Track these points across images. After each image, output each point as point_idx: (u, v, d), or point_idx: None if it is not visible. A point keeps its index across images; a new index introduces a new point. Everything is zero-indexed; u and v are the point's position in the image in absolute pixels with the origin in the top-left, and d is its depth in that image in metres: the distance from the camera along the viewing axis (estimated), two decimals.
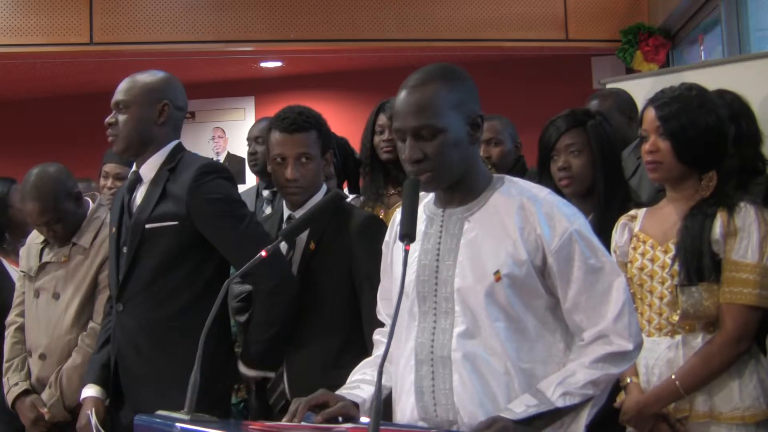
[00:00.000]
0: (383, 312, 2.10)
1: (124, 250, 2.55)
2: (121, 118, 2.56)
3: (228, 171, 2.64)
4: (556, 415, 1.76)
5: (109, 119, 2.59)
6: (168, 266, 2.50)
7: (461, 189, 1.90)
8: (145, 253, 2.51)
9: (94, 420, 2.52)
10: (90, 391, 2.63)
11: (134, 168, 2.63)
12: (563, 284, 1.82)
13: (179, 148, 2.63)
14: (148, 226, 2.51)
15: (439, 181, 1.86)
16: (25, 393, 2.95)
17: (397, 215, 2.03)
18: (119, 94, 2.59)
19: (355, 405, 1.85)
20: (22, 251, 3.16)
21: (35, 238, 3.11)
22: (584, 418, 1.79)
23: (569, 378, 1.77)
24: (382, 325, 2.12)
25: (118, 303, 2.56)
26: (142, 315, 2.52)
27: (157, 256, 2.50)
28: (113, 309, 2.61)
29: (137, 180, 2.61)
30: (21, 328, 3.05)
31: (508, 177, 1.94)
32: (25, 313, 3.04)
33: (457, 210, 1.90)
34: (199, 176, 2.51)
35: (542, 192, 1.89)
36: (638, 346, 1.82)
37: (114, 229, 2.61)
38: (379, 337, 2.11)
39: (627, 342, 1.79)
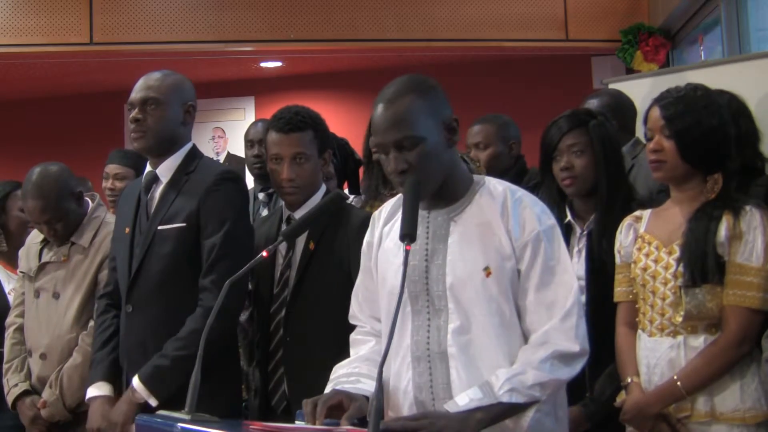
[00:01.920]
0: (359, 314, 2.12)
1: (137, 251, 2.55)
2: (153, 115, 2.54)
3: (244, 181, 2.66)
4: (498, 409, 1.77)
5: (136, 115, 2.54)
6: (178, 268, 2.50)
7: (445, 191, 1.95)
8: (155, 254, 2.51)
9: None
10: (98, 390, 2.56)
11: (149, 168, 2.63)
12: (524, 281, 1.87)
13: (195, 151, 2.64)
14: (160, 227, 2.51)
15: (425, 188, 1.90)
16: (25, 393, 2.95)
17: (377, 217, 2.05)
18: (150, 91, 2.55)
19: (367, 399, 1.86)
20: (22, 252, 3.16)
21: (34, 238, 3.11)
22: (527, 421, 1.81)
23: (519, 376, 1.79)
24: (353, 327, 2.13)
25: (128, 305, 2.55)
26: (151, 316, 2.51)
27: (168, 257, 2.50)
28: (122, 310, 2.60)
29: (154, 180, 2.60)
30: (20, 329, 3.05)
31: (488, 177, 2.01)
32: (25, 313, 3.04)
33: (442, 211, 1.95)
34: (219, 182, 2.52)
35: (519, 191, 1.95)
36: (584, 351, 1.85)
37: (128, 230, 2.59)
38: (359, 337, 2.11)
39: (572, 343, 1.83)
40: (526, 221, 1.88)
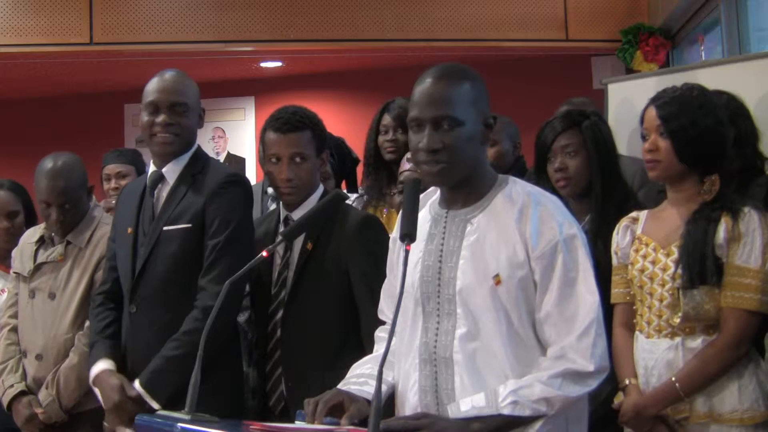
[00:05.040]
0: (386, 310, 2.11)
1: (141, 251, 2.55)
2: (183, 120, 2.57)
3: (249, 185, 2.66)
4: (497, 420, 1.75)
5: (168, 119, 2.55)
6: (182, 268, 2.50)
7: (465, 189, 1.91)
8: (160, 254, 2.52)
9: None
10: (102, 364, 2.54)
11: (153, 168, 2.63)
12: (541, 292, 1.82)
13: (201, 152, 2.66)
14: (165, 228, 2.52)
15: (451, 173, 1.86)
16: (22, 394, 2.91)
17: None
18: (178, 95, 2.56)
19: (368, 402, 1.85)
20: (15, 252, 3.12)
21: (28, 238, 3.08)
22: None
23: (524, 389, 1.76)
24: (383, 323, 2.12)
25: (131, 304, 2.56)
26: (156, 316, 2.51)
27: (172, 257, 2.51)
28: (124, 310, 2.60)
29: (159, 180, 2.61)
30: (14, 330, 3.02)
31: (512, 178, 1.94)
32: (20, 314, 3.01)
33: (460, 211, 1.91)
34: (225, 184, 2.54)
35: (544, 197, 1.89)
36: (600, 369, 1.79)
37: (131, 230, 2.60)
38: (383, 334, 2.11)
39: (587, 362, 1.77)
40: (546, 230, 1.81)
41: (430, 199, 1.99)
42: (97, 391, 2.55)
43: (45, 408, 2.86)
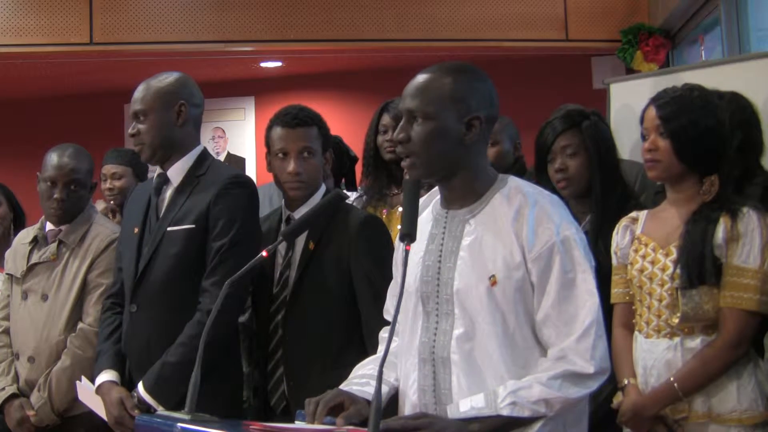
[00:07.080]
0: (391, 309, 2.11)
1: (145, 251, 2.56)
2: (142, 126, 2.60)
3: (254, 186, 2.66)
4: (496, 421, 1.75)
5: (131, 131, 2.63)
6: (185, 269, 2.51)
7: (461, 189, 1.91)
8: (163, 255, 2.53)
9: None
10: (106, 376, 2.57)
11: (159, 170, 2.65)
12: (539, 294, 1.81)
13: (206, 154, 2.67)
14: (169, 228, 2.53)
15: (417, 168, 1.87)
16: (13, 397, 2.88)
17: None
18: (136, 104, 2.61)
19: (369, 403, 1.85)
20: (8, 253, 3.10)
21: (22, 239, 3.07)
22: None
23: (523, 390, 1.75)
24: (387, 322, 2.13)
25: (132, 304, 2.57)
26: (156, 316, 2.52)
27: (175, 258, 2.51)
28: (125, 309, 2.61)
29: (164, 182, 2.63)
30: (6, 332, 3.00)
31: (512, 177, 1.94)
32: (12, 316, 2.99)
33: (459, 212, 1.91)
34: (229, 186, 2.54)
35: (542, 197, 1.88)
36: (600, 371, 1.78)
37: (137, 230, 2.62)
38: (386, 335, 2.11)
39: (587, 364, 1.76)
40: (543, 231, 1.80)
41: (434, 199, 2.00)
42: (98, 400, 2.55)
43: (36, 410, 2.84)
